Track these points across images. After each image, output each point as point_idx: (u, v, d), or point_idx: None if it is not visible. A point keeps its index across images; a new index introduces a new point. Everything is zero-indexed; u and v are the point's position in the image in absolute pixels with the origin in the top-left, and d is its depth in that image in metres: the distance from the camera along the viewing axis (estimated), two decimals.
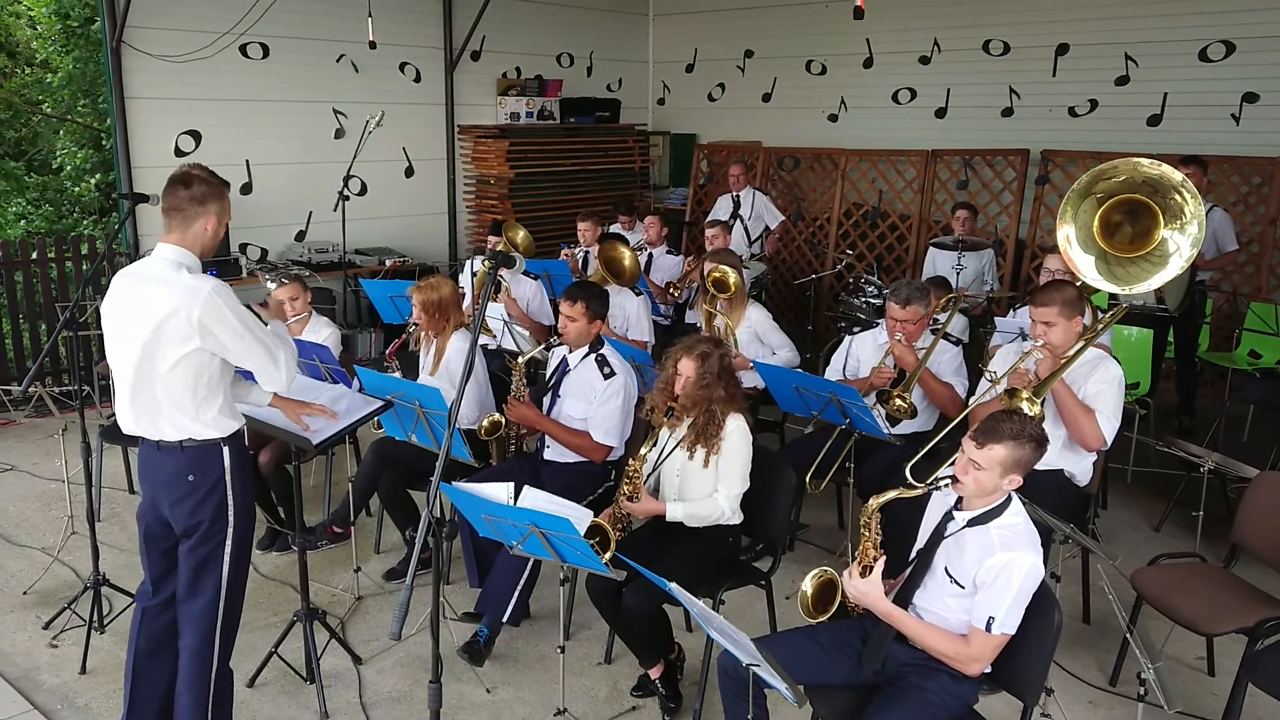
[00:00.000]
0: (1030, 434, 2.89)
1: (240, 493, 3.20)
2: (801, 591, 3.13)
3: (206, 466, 3.12)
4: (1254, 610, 3.54)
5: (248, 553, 3.33)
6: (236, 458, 3.18)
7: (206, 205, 3.09)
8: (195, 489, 3.11)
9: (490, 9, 9.20)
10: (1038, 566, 2.84)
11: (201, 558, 3.17)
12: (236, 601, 3.31)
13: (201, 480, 3.11)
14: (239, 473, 3.20)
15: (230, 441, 3.16)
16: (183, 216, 3.07)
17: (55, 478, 5.78)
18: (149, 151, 7.53)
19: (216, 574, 3.20)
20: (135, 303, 3.03)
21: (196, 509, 3.13)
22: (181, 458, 3.10)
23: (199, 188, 3.08)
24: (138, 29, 7.32)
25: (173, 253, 3.06)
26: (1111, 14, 8.15)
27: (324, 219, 8.39)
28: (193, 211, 3.07)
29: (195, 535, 3.15)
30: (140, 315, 3.00)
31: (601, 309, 4.45)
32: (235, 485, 3.18)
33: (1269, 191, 7.49)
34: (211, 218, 3.11)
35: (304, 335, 5.07)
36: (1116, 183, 4.21)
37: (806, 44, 10.03)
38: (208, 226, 3.11)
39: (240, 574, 3.30)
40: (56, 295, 7.33)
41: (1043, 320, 4.01)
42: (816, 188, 9.93)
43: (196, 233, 3.09)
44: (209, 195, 3.09)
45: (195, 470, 3.11)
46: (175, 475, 3.10)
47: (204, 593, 3.19)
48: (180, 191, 3.06)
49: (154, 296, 3.00)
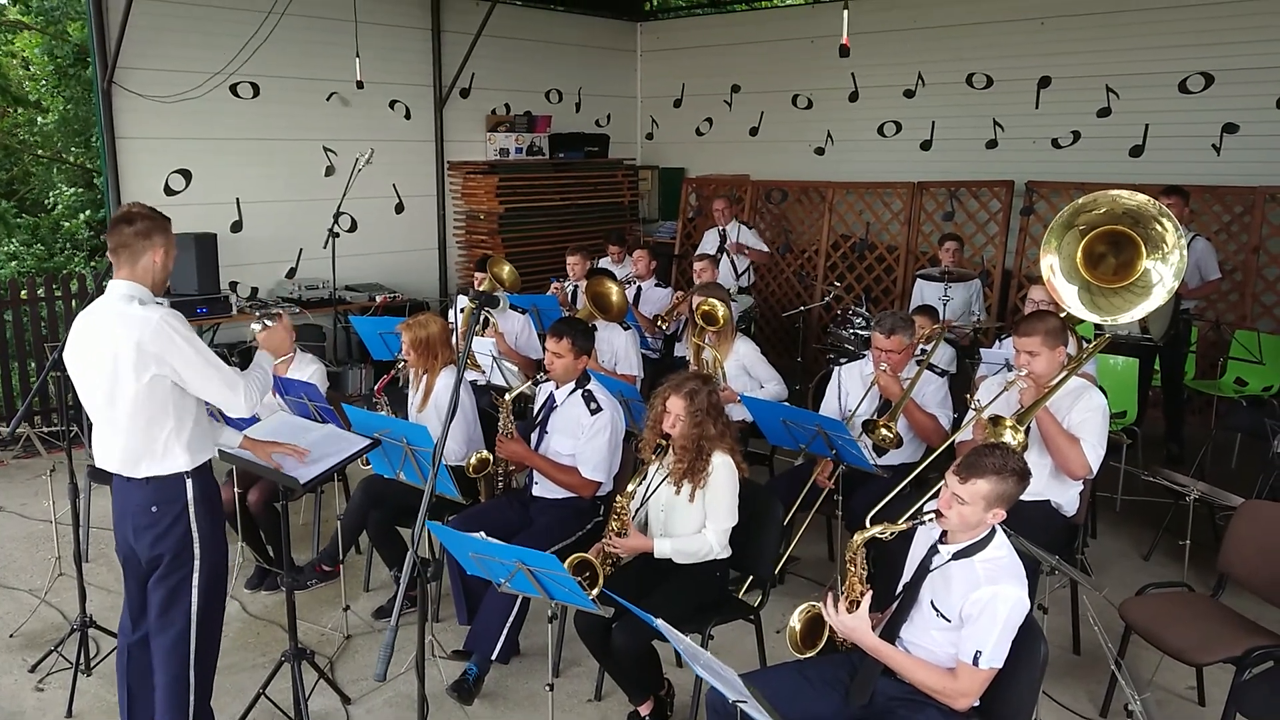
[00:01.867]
0: (1013, 468, 2.90)
1: (207, 525, 3.24)
2: (790, 627, 3.13)
3: (170, 498, 3.17)
4: (1241, 640, 3.54)
5: (220, 586, 3.35)
6: (201, 490, 3.22)
7: (151, 239, 3.17)
8: (158, 520, 3.17)
9: (479, 46, 9.30)
10: (1023, 599, 2.84)
11: (169, 589, 3.21)
12: (210, 636, 3.32)
13: (165, 511, 3.17)
14: (204, 505, 3.23)
15: (195, 474, 3.20)
16: (129, 252, 3.15)
17: (43, 518, 5.75)
18: (140, 191, 7.56)
19: (185, 605, 3.23)
20: (93, 341, 3.12)
21: (159, 540, 3.18)
22: (147, 489, 3.16)
23: (141, 223, 3.16)
24: (129, 70, 7.39)
25: (125, 287, 3.15)
26: (1092, 47, 8.27)
27: (314, 256, 8.42)
28: (139, 246, 3.15)
29: (160, 566, 3.20)
30: (98, 352, 3.09)
31: (587, 345, 4.47)
32: (200, 517, 3.21)
33: (1250, 220, 7.56)
34: (158, 250, 3.19)
35: (290, 372, 5.08)
36: (1098, 214, 4.26)
37: (792, 79, 10.15)
38: (155, 259, 3.19)
39: (212, 606, 3.31)
40: (46, 335, 7.33)
41: (1026, 350, 4.05)
42: (804, 220, 10.01)
43: (145, 266, 3.17)
44: (152, 229, 3.17)
45: (159, 501, 3.16)
46: (140, 507, 3.17)
47: (173, 625, 3.22)
48: (124, 229, 3.15)
49: (108, 331, 3.09)
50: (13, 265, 12.83)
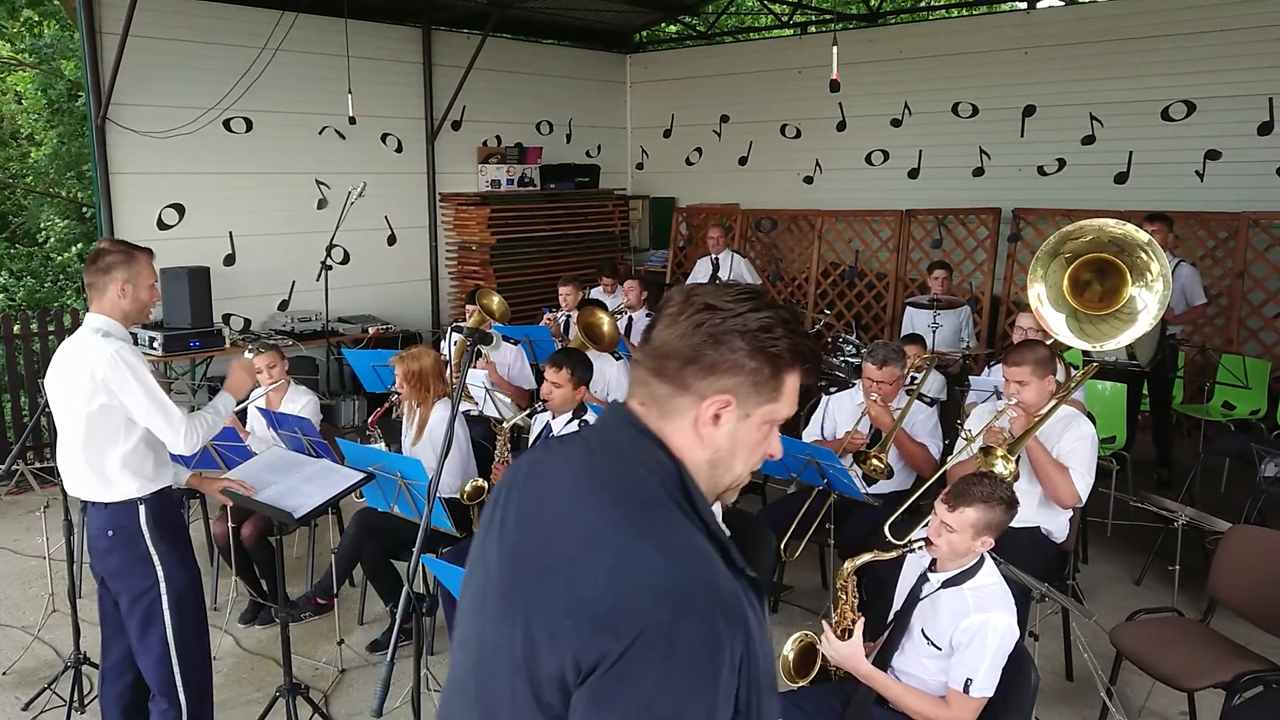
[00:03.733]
0: (1001, 496, 2.94)
1: (166, 548, 3.33)
2: (783, 656, 3.15)
3: (123, 523, 3.28)
4: (1231, 665, 3.56)
5: (196, 606, 3.44)
6: (155, 514, 3.31)
7: (112, 274, 3.29)
8: (115, 545, 3.29)
9: (470, 80, 9.39)
10: (1012, 627, 2.87)
11: (140, 614, 3.32)
12: (194, 657, 3.41)
13: (120, 536, 3.29)
14: (160, 528, 3.32)
15: (148, 500, 3.30)
16: (96, 288, 3.31)
17: (36, 554, 5.74)
18: (133, 226, 7.59)
19: (160, 629, 3.32)
20: (63, 371, 3.28)
21: (118, 564, 3.31)
22: (104, 514, 3.30)
23: (104, 259, 3.30)
24: (122, 106, 7.44)
25: (96, 320, 3.30)
26: (1075, 76, 8.38)
27: (307, 288, 8.46)
28: (101, 282, 3.29)
29: (126, 593, 3.32)
30: (64, 382, 3.26)
31: (586, 375, 4.51)
32: (156, 541, 3.31)
33: (1234, 245, 7.65)
34: (120, 283, 3.30)
35: (282, 405, 5.10)
36: (1084, 242, 4.32)
37: (781, 108, 10.25)
38: (121, 291, 3.31)
39: (189, 627, 3.39)
40: (40, 369, 7.33)
41: (1016, 379, 4.09)
42: (794, 248, 10.09)
43: (112, 299, 3.31)
44: (114, 264, 3.30)
45: (114, 526, 3.29)
46: (99, 531, 3.30)
47: (151, 649, 3.33)
48: (91, 267, 3.32)
49: (71, 361, 3.25)
50: (2, 298, 12.84)
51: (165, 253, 7.74)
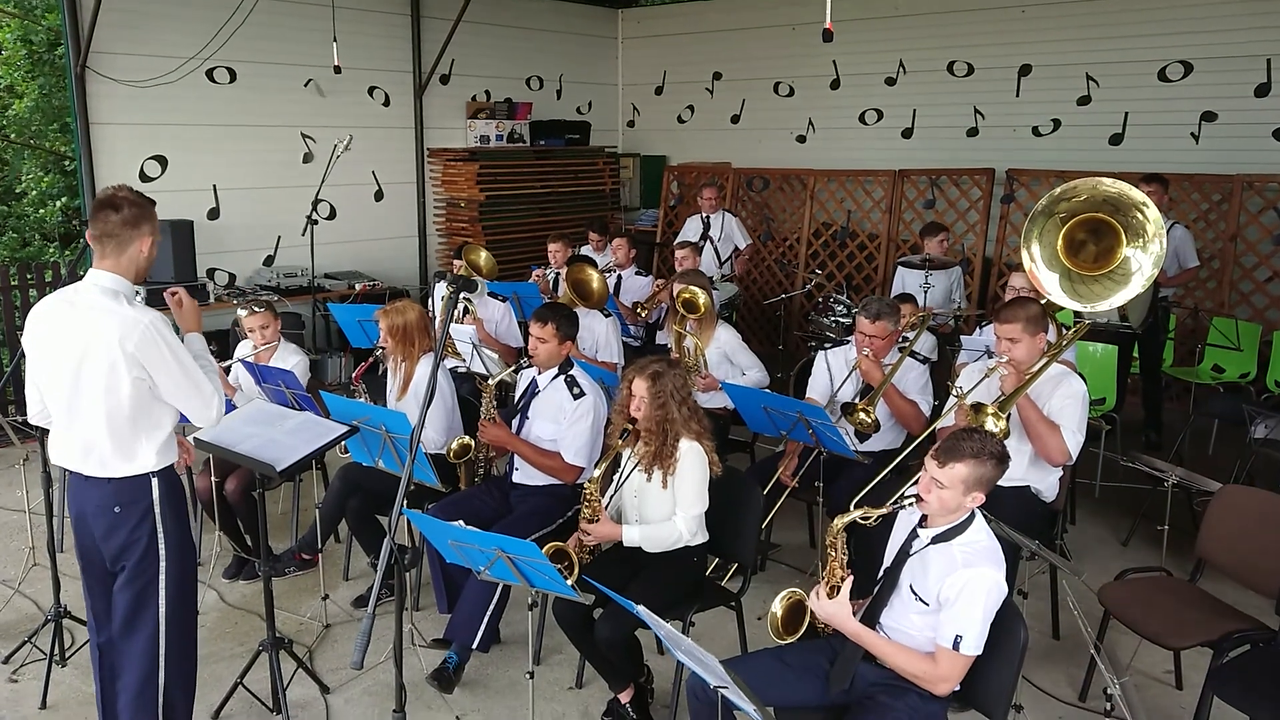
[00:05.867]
0: (991, 452, 2.90)
1: (173, 525, 3.11)
2: (771, 613, 3.13)
3: (134, 498, 3.04)
4: (1218, 624, 3.56)
5: (191, 591, 3.23)
6: (166, 488, 3.09)
7: (140, 228, 2.99)
8: (122, 521, 3.04)
9: (459, 32, 9.22)
10: (1001, 583, 2.85)
11: (135, 593, 3.09)
12: (184, 640, 3.21)
13: (129, 512, 3.04)
14: (170, 504, 3.11)
15: (160, 474, 3.07)
16: (116, 242, 2.97)
17: (16, 508, 5.69)
18: (115, 177, 7.45)
19: (153, 610, 3.11)
20: (64, 331, 2.96)
21: (124, 541, 3.05)
22: (108, 489, 3.02)
23: (130, 210, 2.97)
24: (102, 54, 7.28)
25: (108, 280, 2.97)
26: (1072, 35, 8.28)
27: (292, 243, 8.36)
28: (126, 236, 2.97)
29: (126, 569, 3.07)
30: (70, 344, 2.94)
31: (571, 330, 4.45)
32: (166, 517, 3.09)
33: (1228, 208, 7.60)
34: (146, 240, 3.01)
35: (272, 362, 5.03)
36: (1079, 202, 4.25)
37: (774, 66, 10.12)
38: (143, 249, 3.02)
39: (183, 611, 3.19)
40: (20, 324, 7.23)
41: (1007, 337, 4.05)
42: (786, 208, 10.00)
43: (131, 257, 3.00)
44: (141, 217, 2.99)
45: (121, 502, 3.03)
46: (102, 507, 3.03)
47: (140, 630, 3.11)
48: (111, 216, 2.95)
49: (86, 325, 2.93)
50: None
51: None
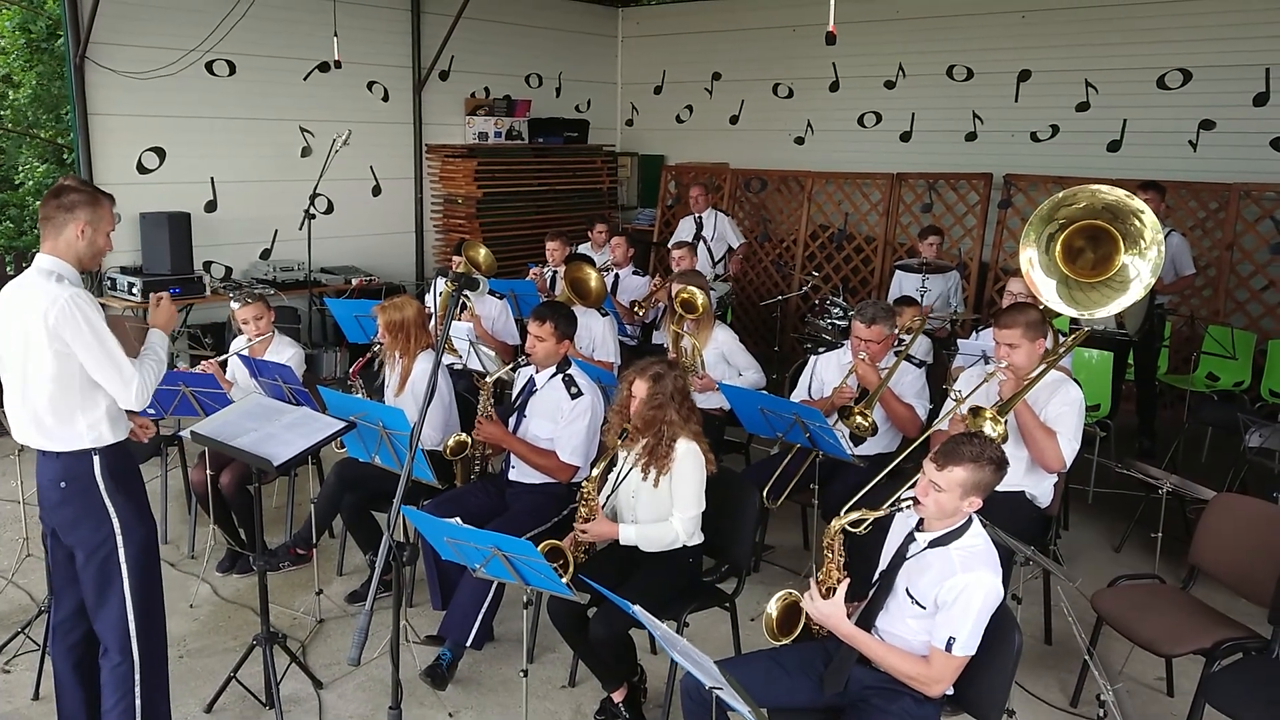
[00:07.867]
0: (990, 456, 2.91)
1: (122, 500, 3.19)
2: (766, 614, 3.13)
3: (77, 474, 3.13)
4: (1211, 632, 3.58)
5: (153, 562, 3.32)
6: (109, 463, 3.16)
7: (74, 212, 3.10)
8: (69, 497, 3.14)
9: (459, 29, 9.21)
10: (997, 588, 2.86)
11: (96, 568, 3.19)
12: (151, 614, 3.28)
13: (73, 487, 3.14)
14: (115, 479, 3.18)
15: (102, 452, 3.15)
16: (52, 225, 3.10)
17: (10, 498, 5.67)
18: (112, 169, 7.45)
19: (118, 584, 3.20)
20: (15, 311, 3.09)
21: (72, 516, 3.16)
22: (56, 464, 3.13)
23: (68, 196, 3.11)
24: (102, 45, 7.26)
25: (47, 262, 3.10)
26: (1072, 42, 8.29)
27: (290, 237, 8.33)
28: (60, 219, 3.10)
29: (81, 547, 3.18)
30: (13, 325, 3.08)
31: (570, 329, 4.45)
32: (112, 492, 3.17)
33: (1225, 217, 7.63)
34: (80, 224, 3.11)
35: (267, 355, 5.03)
36: (1078, 209, 4.27)
37: (773, 67, 10.13)
38: (79, 233, 3.11)
39: (147, 582, 3.27)
40: None
41: (1006, 342, 4.06)
42: (783, 209, 10.00)
43: (68, 240, 3.11)
44: (77, 203, 3.11)
45: (66, 477, 3.13)
46: (51, 482, 3.15)
47: (109, 604, 3.21)
48: (50, 201, 3.11)
49: (22, 305, 3.06)
50: None
51: (145, 197, 7.70)
